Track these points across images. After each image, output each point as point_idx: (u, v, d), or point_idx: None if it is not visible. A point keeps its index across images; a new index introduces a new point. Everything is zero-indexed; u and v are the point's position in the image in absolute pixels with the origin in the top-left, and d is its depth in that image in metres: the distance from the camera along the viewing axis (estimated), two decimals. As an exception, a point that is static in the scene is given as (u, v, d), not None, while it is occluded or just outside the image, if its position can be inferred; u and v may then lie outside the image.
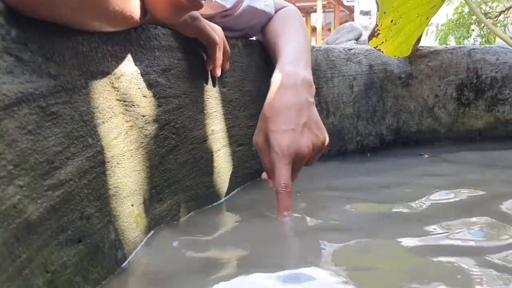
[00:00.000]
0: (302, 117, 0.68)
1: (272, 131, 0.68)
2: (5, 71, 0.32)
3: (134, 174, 0.55)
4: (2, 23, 0.33)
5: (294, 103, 0.68)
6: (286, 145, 0.66)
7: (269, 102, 0.70)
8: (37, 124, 0.36)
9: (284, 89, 0.69)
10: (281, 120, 0.67)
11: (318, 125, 0.71)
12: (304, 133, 0.68)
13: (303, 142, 0.67)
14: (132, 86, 0.55)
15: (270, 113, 0.69)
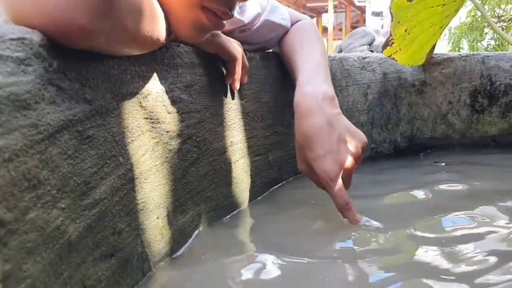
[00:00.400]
0: (334, 135, 0.70)
1: (312, 159, 0.70)
2: (49, 101, 0.35)
3: (159, 188, 0.57)
4: (45, 56, 0.35)
5: (321, 124, 0.70)
6: (330, 169, 0.68)
7: (299, 130, 0.72)
8: (76, 148, 0.39)
9: (308, 113, 0.71)
10: (315, 146, 0.70)
11: (351, 132, 0.73)
12: (341, 149, 0.70)
13: (343, 158, 0.69)
14: (158, 104, 0.58)
15: (303, 141, 0.71)
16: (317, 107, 0.72)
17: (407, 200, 0.85)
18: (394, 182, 1.01)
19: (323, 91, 0.74)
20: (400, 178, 1.04)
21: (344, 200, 0.68)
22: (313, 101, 0.72)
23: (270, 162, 0.91)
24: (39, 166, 0.32)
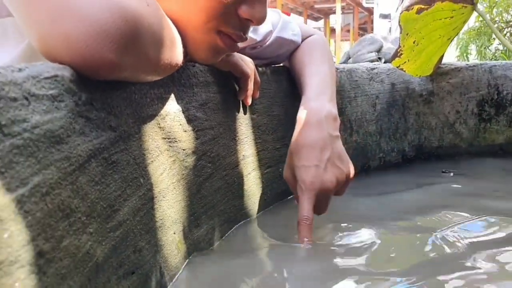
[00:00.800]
0: (326, 153, 0.72)
1: (297, 166, 0.72)
2: (79, 133, 0.37)
3: (176, 204, 0.60)
4: (75, 90, 0.38)
5: (318, 139, 0.72)
6: (310, 180, 0.70)
7: (295, 139, 0.74)
8: (102, 174, 0.41)
9: (308, 126, 0.73)
10: (305, 156, 0.71)
11: (342, 159, 0.75)
12: (328, 168, 0.72)
13: (327, 177, 0.71)
14: (175, 124, 0.60)
15: (295, 150, 0.73)
16: (317, 123, 0.74)
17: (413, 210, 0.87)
18: (401, 192, 1.03)
19: (328, 110, 0.76)
20: (407, 188, 1.06)
21: (307, 214, 0.69)
22: (316, 116, 0.74)
23: (280, 174, 0.93)
24: (71, 195, 0.35)
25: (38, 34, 0.39)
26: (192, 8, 0.55)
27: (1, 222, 0.26)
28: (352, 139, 1.17)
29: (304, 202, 0.70)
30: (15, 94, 0.30)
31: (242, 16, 0.58)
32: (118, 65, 0.40)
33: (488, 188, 1.07)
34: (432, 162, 1.31)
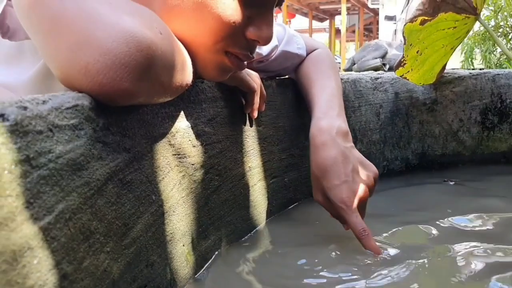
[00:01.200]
0: (348, 166, 0.74)
1: (328, 188, 0.74)
2: (97, 158, 0.40)
3: (185, 218, 0.62)
4: (94, 117, 0.40)
5: (337, 156, 0.74)
6: (346, 197, 0.72)
7: (315, 162, 0.76)
8: (118, 195, 0.43)
9: (324, 146, 0.76)
10: (331, 177, 0.74)
11: (364, 164, 0.77)
12: (356, 179, 0.74)
13: (358, 187, 0.74)
14: (184, 140, 0.62)
15: (320, 172, 0.75)
16: (331, 141, 0.76)
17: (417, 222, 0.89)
18: (405, 202, 1.05)
19: (338, 125, 0.78)
20: (411, 198, 1.08)
21: (362, 227, 0.72)
22: (328, 135, 0.77)
23: (286, 183, 0.95)
24: (90, 218, 0.37)
25: (57, 63, 0.42)
26: (202, 30, 0.57)
27: (31, 250, 0.28)
28: (357, 147, 1.18)
29: (352, 219, 0.72)
30: (41, 127, 0.32)
31: (249, 37, 0.60)
32: (134, 92, 0.42)
33: (490, 195, 1.09)
34: (436, 170, 1.32)
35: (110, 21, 0.41)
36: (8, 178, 0.27)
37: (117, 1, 0.45)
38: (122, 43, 0.40)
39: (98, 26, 0.40)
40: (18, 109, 0.31)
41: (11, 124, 0.29)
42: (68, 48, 0.41)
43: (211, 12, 0.56)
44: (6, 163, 0.28)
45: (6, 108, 0.30)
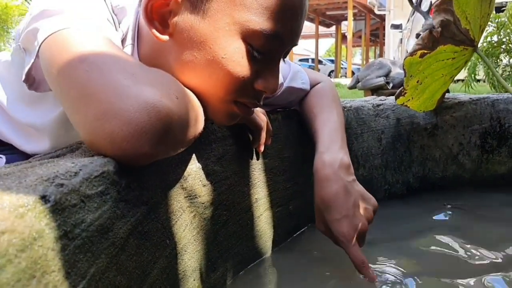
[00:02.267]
0: (350, 200, 0.79)
1: (330, 221, 0.79)
2: (120, 216, 0.44)
3: (195, 254, 0.67)
4: (117, 180, 0.45)
5: (339, 191, 0.79)
6: (347, 232, 0.77)
7: (319, 196, 0.81)
8: (137, 246, 0.48)
9: (327, 181, 0.80)
10: (333, 211, 0.78)
11: (364, 197, 0.82)
12: (356, 213, 0.79)
13: (358, 222, 0.78)
14: (195, 182, 0.67)
15: (323, 206, 0.80)
16: (334, 175, 0.80)
17: (416, 248, 0.93)
18: (404, 226, 1.09)
19: (340, 159, 0.83)
20: (410, 222, 1.12)
21: (361, 259, 0.76)
22: (331, 169, 0.81)
23: (290, 211, 1.00)
24: (115, 274, 0.42)
25: (85, 130, 0.47)
26: (214, 83, 0.62)
27: (69, 316, 0.33)
28: (359, 173, 1.23)
29: (353, 252, 0.77)
30: (75, 201, 0.37)
31: (257, 89, 0.65)
32: (154, 155, 0.47)
33: (490, 220, 1.13)
34: (436, 193, 1.36)
35: (133, 93, 0.46)
36: (52, 255, 0.32)
37: (137, 70, 0.50)
38: (143, 113, 0.45)
39: (122, 98, 0.45)
40: (56, 188, 0.36)
41: (52, 204, 0.34)
42: (95, 117, 0.45)
43: (222, 68, 0.61)
44: (50, 242, 0.33)
45: (47, 189, 0.35)
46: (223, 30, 0.60)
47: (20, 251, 0.30)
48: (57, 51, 0.52)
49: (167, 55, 0.64)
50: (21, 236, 0.30)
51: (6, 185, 0.35)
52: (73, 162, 0.42)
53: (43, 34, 0.56)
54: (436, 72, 1.23)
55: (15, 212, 0.30)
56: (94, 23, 0.58)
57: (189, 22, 0.61)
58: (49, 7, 0.59)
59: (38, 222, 0.32)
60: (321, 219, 0.82)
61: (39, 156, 0.52)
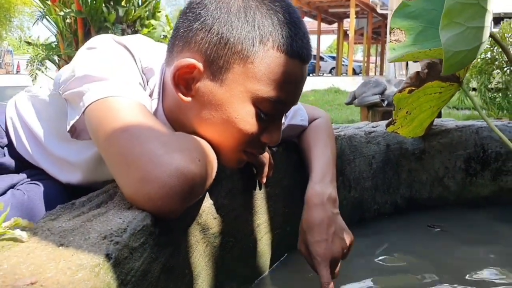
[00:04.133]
0: (331, 228, 0.91)
1: (310, 242, 0.91)
2: (154, 259, 0.57)
3: (206, 278, 0.79)
4: (153, 230, 0.57)
5: (323, 218, 0.91)
6: (323, 253, 0.89)
7: (305, 219, 0.93)
8: (165, 279, 0.60)
9: (315, 208, 0.92)
10: (315, 233, 0.90)
11: (344, 230, 0.94)
12: (335, 240, 0.90)
13: (335, 248, 0.90)
14: (208, 216, 0.79)
15: (307, 228, 0.92)
16: (321, 205, 0.93)
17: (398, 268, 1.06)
18: (390, 248, 1.22)
19: (329, 193, 0.95)
20: (396, 243, 1.25)
21: (328, 280, 0.88)
22: (320, 199, 0.93)
23: (286, 233, 1.12)
24: (152, 306, 0.54)
25: (127, 189, 0.59)
26: (227, 138, 0.75)
27: None
28: (351, 194, 1.36)
29: (322, 271, 0.89)
30: (126, 254, 0.50)
31: (263, 141, 0.77)
32: (181, 210, 0.60)
33: (472, 242, 1.25)
34: (422, 213, 1.48)
35: (165, 161, 0.58)
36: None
37: (168, 138, 0.62)
38: (174, 178, 0.57)
39: (157, 166, 0.58)
40: (114, 246, 0.48)
41: (113, 261, 0.47)
42: (136, 181, 0.58)
43: (235, 126, 0.73)
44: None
45: (109, 247, 0.47)
46: (237, 96, 0.72)
47: (97, 301, 0.42)
48: (103, 117, 0.65)
49: (188, 112, 0.76)
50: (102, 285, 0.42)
51: (77, 243, 0.48)
52: (120, 217, 0.55)
53: (90, 98, 0.68)
54: (424, 104, 1.35)
55: (94, 272, 0.43)
56: (131, 90, 0.70)
57: (209, 88, 0.73)
58: (93, 73, 0.71)
59: (107, 276, 0.44)
60: (303, 240, 0.94)
61: (84, 200, 0.65)
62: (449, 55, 0.65)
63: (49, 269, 0.43)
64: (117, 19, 3.91)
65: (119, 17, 3.93)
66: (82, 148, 0.88)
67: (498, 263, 1.12)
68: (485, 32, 0.67)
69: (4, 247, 0.48)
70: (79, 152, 0.89)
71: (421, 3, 0.82)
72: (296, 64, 0.74)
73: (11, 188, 1.01)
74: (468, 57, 0.68)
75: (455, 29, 0.64)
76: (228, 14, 0.71)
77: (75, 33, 4.08)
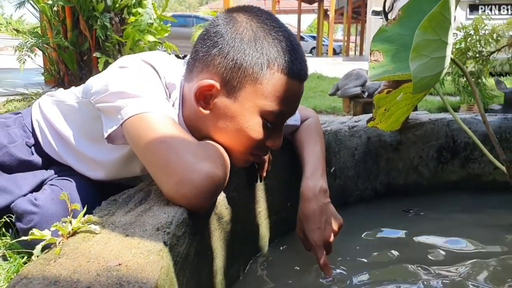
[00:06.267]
0: (323, 217, 1.08)
1: (307, 230, 1.08)
2: (191, 244, 0.73)
3: (221, 257, 0.96)
4: (189, 222, 0.74)
5: (316, 209, 1.08)
6: (317, 239, 1.06)
7: (301, 211, 1.10)
8: (197, 261, 0.77)
9: (309, 201, 1.09)
10: (310, 223, 1.07)
11: (335, 216, 1.10)
12: (327, 227, 1.07)
13: (327, 234, 1.07)
14: (222, 207, 0.96)
15: (303, 218, 1.08)
16: (314, 197, 1.10)
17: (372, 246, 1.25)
18: (370, 228, 1.40)
19: (320, 185, 1.12)
20: (375, 224, 1.43)
21: (324, 261, 1.05)
22: (313, 192, 1.10)
23: (283, 218, 1.30)
24: (190, 275, 0.71)
25: (167, 190, 0.75)
26: (238, 143, 0.91)
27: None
28: (336, 182, 1.54)
29: (318, 253, 1.06)
30: (175, 241, 0.66)
31: (267, 145, 0.94)
32: (209, 205, 0.76)
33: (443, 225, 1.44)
34: (399, 197, 1.67)
35: (197, 168, 0.75)
36: (172, 271, 0.61)
37: (197, 149, 0.78)
38: (204, 182, 0.74)
39: (191, 172, 0.74)
40: (167, 235, 0.65)
41: (169, 247, 0.63)
42: (174, 183, 0.74)
43: (245, 135, 0.89)
44: (171, 266, 0.61)
45: (164, 237, 0.64)
46: (248, 110, 0.88)
47: (165, 272, 0.58)
48: (143, 130, 0.80)
49: (206, 122, 0.92)
50: (164, 265, 0.59)
51: (139, 234, 0.64)
52: (165, 213, 0.71)
53: (128, 113, 0.83)
54: (400, 103, 1.53)
55: (160, 255, 0.59)
56: (161, 105, 0.86)
57: (224, 103, 0.89)
58: (127, 90, 0.86)
59: (167, 258, 0.61)
60: (300, 228, 1.11)
61: (125, 197, 0.81)
62: (417, 80, 0.82)
63: (126, 254, 0.59)
64: (105, 8, 3.99)
65: (107, 6, 4.01)
66: (109, 151, 1.03)
67: (466, 237, 1.31)
68: (446, 60, 0.85)
69: (85, 237, 0.64)
70: (108, 153, 1.05)
71: (396, 29, 0.99)
72: (296, 83, 0.90)
73: (42, 183, 1.16)
74: (432, 80, 0.85)
75: (422, 60, 0.81)
76: (241, 43, 0.87)
77: (63, 21, 4.14)
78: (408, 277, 1.07)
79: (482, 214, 1.54)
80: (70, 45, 4.07)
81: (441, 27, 0.83)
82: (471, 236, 1.30)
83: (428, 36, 0.80)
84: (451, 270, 1.10)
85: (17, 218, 1.04)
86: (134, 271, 0.55)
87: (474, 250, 1.23)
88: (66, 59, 4.15)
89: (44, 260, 0.58)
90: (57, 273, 0.55)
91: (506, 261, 1.14)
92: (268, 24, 0.89)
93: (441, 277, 1.06)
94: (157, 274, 0.56)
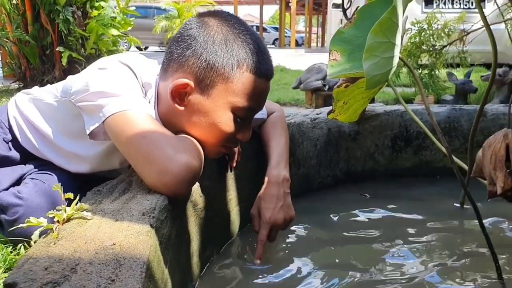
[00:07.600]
0: (280, 202, 1.18)
1: (261, 207, 1.17)
2: (171, 228, 0.82)
3: (197, 241, 1.05)
4: (169, 208, 0.83)
5: (276, 193, 1.18)
6: (268, 217, 1.15)
7: (263, 191, 1.19)
8: (177, 242, 0.86)
9: (271, 186, 1.19)
10: (267, 202, 1.17)
11: (289, 207, 1.20)
12: (280, 211, 1.17)
13: (278, 217, 1.16)
14: (197, 196, 1.05)
15: (263, 197, 1.18)
16: (277, 184, 1.19)
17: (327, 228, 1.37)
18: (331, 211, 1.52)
19: (283, 175, 1.22)
20: (335, 208, 1.55)
21: (263, 238, 1.14)
22: (276, 180, 1.20)
23: (251, 204, 1.39)
24: (172, 255, 0.80)
25: (149, 179, 0.84)
26: (211, 136, 1.00)
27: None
28: (300, 171, 1.65)
29: (262, 230, 1.16)
30: (159, 224, 0.75)
31: (237, 138, 1.03)
32: (187, 192, 0.85)
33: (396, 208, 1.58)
34: (357, 183, 1.80)
35: (177, 159, 0.83)
36: (158, 250, 0.70)
37: (175, 142, 0.87)
38: (183, 171, 0.83)
39: (171, 162, 0.83)
40: (152, 219, 0.73)
41: (155, 229, 0.72)
42: (156, 173, 0.83)
43: (218, 129, 0.99)
44: (156, 245, 0.70)
45: (150, 220, 0.72)
46: (220, 106, 0.97)
47: (154, 250, 0.67)
48: (124, 126, 0.88)
49: (180, 117, 1.00)
50: (153, 244, 0.68)
51: (127, 219, 0.72)
52: (148, 200, 0.80)
53: (110, 111, 0.91)
54: (358, 96, 1.65)
55: (148, 235, 0.68)
56: (139, 103, 0.94)
57: (198, 100, 0.97)
58: (108, 90, 0.94)
59: (154, 238, 0.70)
60: (257, 206, 1.19)
61: (109, 187, 0.89)
62: (369, 78, 0.94)
63: (118, 235, 0.68)
64: (67, 1, 3.96)
65: (69, 0, 3.98)
66: (91, 145, 1.10)
67: (416, 221, 1.45)
68: (395, 59, 0.96)
69: (79, 223, 0.72)
70: (89, 148, 1.12)
71: (352, 31, 1.09)
72: (263, 81, 1.00)
73: (21, 177, 1.22)
74: (383, 77, 0.96)
75: (373, 60, 0.92)
76: (213, 45, 0.96)
77: (23, 15, 4.09)
78: (366, 254, 1.20)
79: (428, 196, 1.68)
80: (32, 39, 4.03)
81: (390, 31, 0.94)
82: (421, 214, 1.44)
83: (379, 39, 0.91)
84: (403, 243, 1.24)
85: (1, 211, 1.10)
86: (128, 249, 0.64)
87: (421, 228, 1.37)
88: (28, 53, 4.11)
89: (44, 243, 0.66)
90: (59, 252, 0.63)
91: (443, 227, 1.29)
92: (237, 28, 0.98)
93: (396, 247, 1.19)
94: (148, 251, 0.65)
